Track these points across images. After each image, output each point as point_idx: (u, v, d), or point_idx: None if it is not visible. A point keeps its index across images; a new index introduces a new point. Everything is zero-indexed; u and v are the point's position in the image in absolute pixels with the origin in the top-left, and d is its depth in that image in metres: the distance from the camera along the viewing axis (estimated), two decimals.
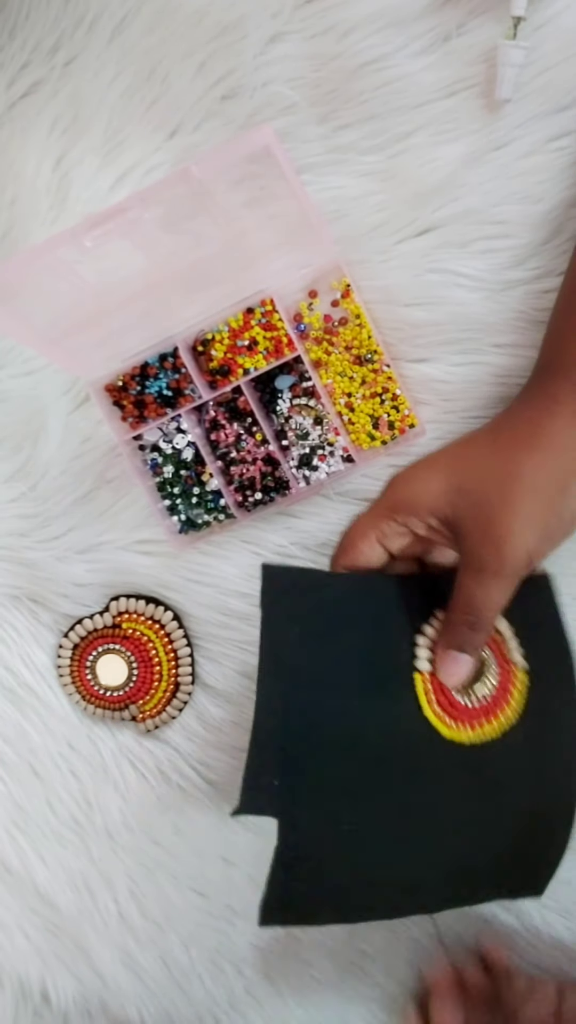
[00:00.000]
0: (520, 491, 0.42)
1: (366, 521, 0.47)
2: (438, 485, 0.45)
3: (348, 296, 0.52)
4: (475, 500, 0.43)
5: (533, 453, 0.43)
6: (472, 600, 0.43)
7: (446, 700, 0.47)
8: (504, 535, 0.42)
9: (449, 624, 0.45)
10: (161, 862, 0.61)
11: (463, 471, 0.44)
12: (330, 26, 0.49)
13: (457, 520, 0.43)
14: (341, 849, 0.45)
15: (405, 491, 0.46)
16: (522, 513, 0.42)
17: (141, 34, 0.51)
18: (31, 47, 0.52)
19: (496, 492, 0.42)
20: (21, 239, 0.54)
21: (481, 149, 0.49)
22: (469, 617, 0.44)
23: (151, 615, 0.57)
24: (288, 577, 0.45)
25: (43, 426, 0.56)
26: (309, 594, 0.45)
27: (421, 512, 0.45)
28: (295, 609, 0.44)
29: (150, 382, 0.54)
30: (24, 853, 0.61)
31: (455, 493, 0.44)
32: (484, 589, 0.43)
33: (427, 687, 0.46)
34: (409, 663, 0.46)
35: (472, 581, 0.43)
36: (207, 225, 0.47)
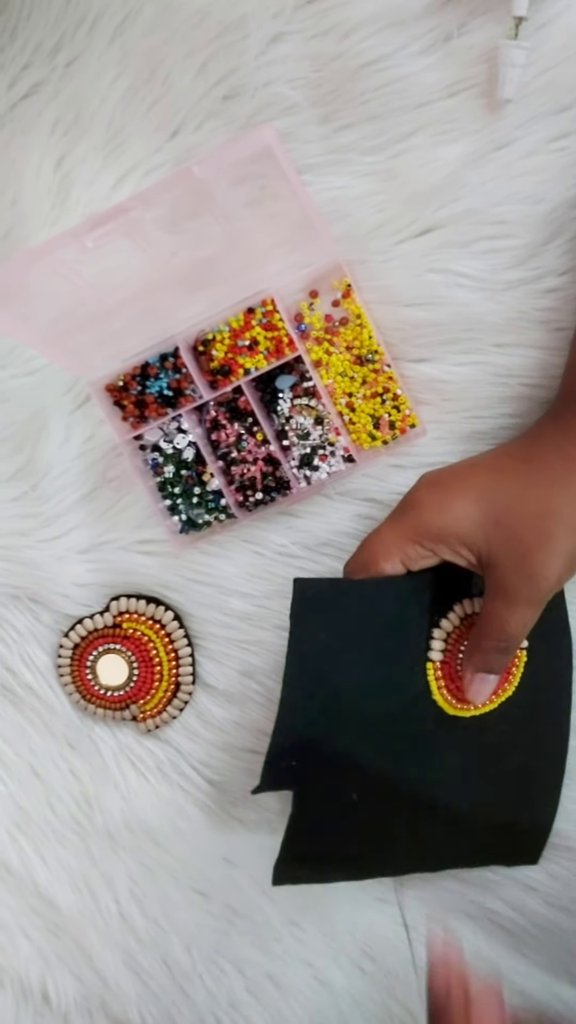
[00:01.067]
0: (557, 527, 0.43)
1: (391, 541, 0.46)
2: (472, 517, 0.44)
3: (349, 296, 0.52)
4: (511, 534, 0.43)
5: (568, 488, 0.43)
6: (506, 628, 0.44)
7: (455, 687, 0.48)
8: (540, 569, 0.43)
9: (479, 650, 0.46)
10: (162, 862, 0.61)
11: (497, 503, 0.44)
12: (331, 26, 0.49)
13: (490, 551, 0.44)
14: (348, 814, 0.49)
15: (437, 519, 0.45)
16: (558, 548, 0.43)
17: (142, 34, 0.51)
18: (32, 48, 0.52)
19: (532, 527, 0.43)
20: (22, 239, 0.54)
21: (482, 149, 0.49)
22: (502, 644, 0.45)
23: (152, 615, 0.57)
24: (319, 587, 0.46)
25: (44, 426, 0.56)
26: (337, 599, 0.47)
27: (453, 542, 0.45)
28: (323, 615, 0.46)
29: (151, 382, 0.54)
30: (25, 853, 0.61)
31: (491, 526, 0.44)
32: (517, 617, 0.44)
33: (438, 675, 0.48)
34: (423, 654, 0.48)
35: (505, 610, 0.44)
36: (208, 225, 0.47)
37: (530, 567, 0.43)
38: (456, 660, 0.48)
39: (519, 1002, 0.59)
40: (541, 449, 0.45)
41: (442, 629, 0.48)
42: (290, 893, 0.60)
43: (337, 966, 0.60)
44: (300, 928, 0.60)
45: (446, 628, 0.48)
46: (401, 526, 0.46)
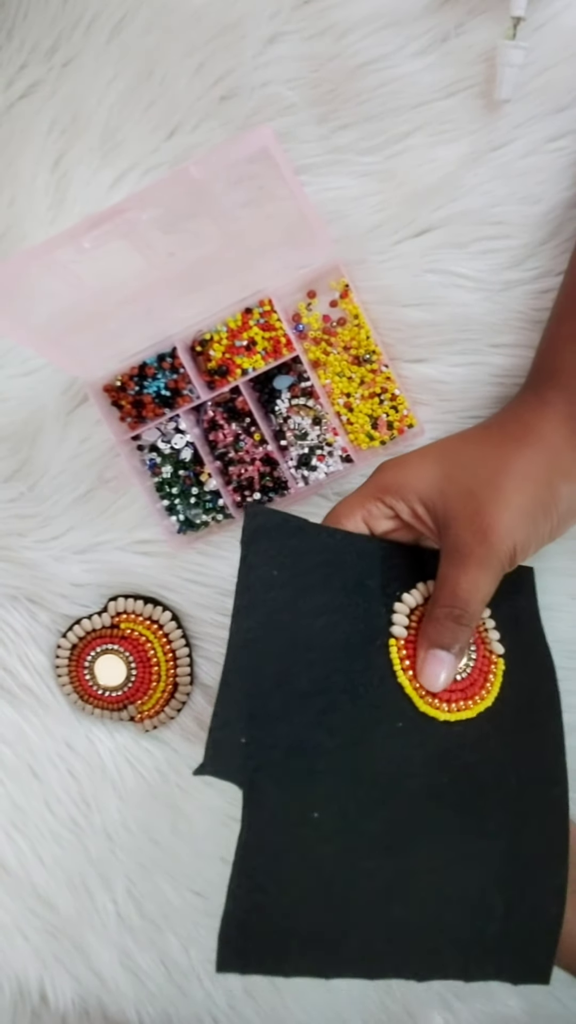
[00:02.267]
0: (510, 482, 0.42)
1: (352, 500, 0.46)
2: (428, 472, 0.45)
3: (347, 296, 0.52)
4: (464, 488, 0.43)
5: (523, 448, 0.44)
6: (457, 590, 0.42)
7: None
8: (492, 524, 0.42)
9: (432, 620, 0.44)
10: (159, 862, 0.61)
11: (455, 461, 0.45)
12: (328, 26, 0.49)
13: (445, 508, 0.43)
14: (312, 849, 0.41)
15: (395, 475, 0.45)
16: (511, 504, 0.42)
17: (139, 35, 0.51)
18: (29, 48, 0.52)
19: (486, 482, 0.43)
20: (20, 239, 0.54)
21: (480, 149, 0.49)
22: (454, 610, 0.43)
23: (149, 615, 0.57)
24: (273, 518, 0.43)
25: (41, 426, 0.56)
26: (293, 537, 0.44)
27: (409, 496, 0.44)
28: (277, 550, 0.43)
29: (148, 382, 0.54)
30: (23, 854, 0.61)
31: (444, 480, 0.44)
32: (470, 579, 0.42)
33: (401, 653, 0.45)
34: (385, 628, 0.45)
35: (457, 571, 0.42)
36: (206, 225, 0.47)
37: (482, 522, 0.42)
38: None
39: (516, 1003, 0.60)
40: (502, 419, 0.47)
41: (404, 604, 0.45)
42: None
43: None
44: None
45: (409, 603, 0.45)
46: (363, 487, 0.46)
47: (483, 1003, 0.60)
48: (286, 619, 0.42)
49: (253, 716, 0.41)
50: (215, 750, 0.39)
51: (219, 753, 0.39)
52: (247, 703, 0.41)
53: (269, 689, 0.41)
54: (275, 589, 0.42)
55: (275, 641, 0.42)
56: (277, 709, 0.41)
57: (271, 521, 0.43)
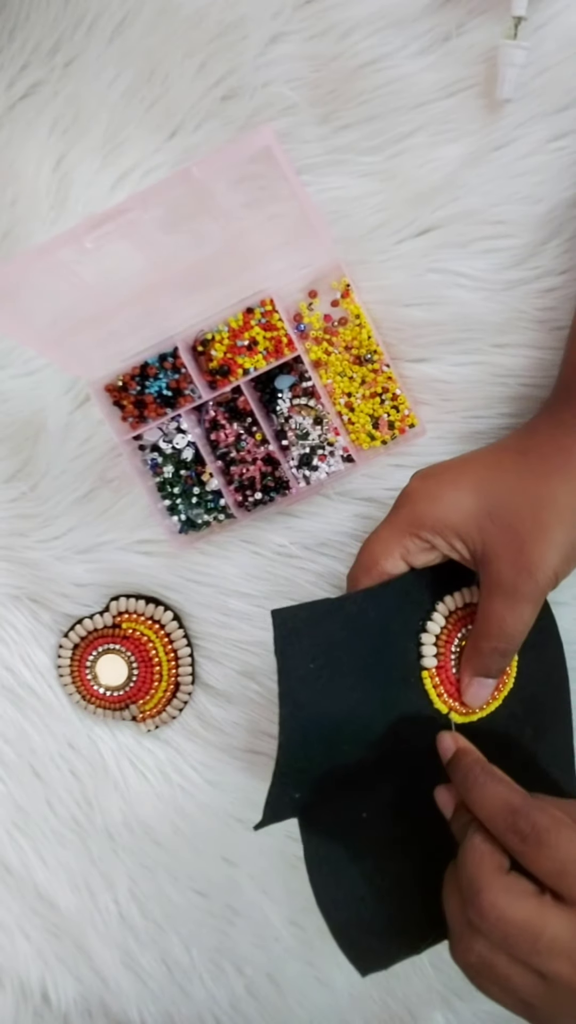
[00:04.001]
0: (554, 519, 0.42)
1: (388, 537, 0.45)
2: (467, 507, 0.43)
3: (348, 296, 0.52)
4: (506, 525, 0.42)
5: (566, 482, 0.42)
6: (504, 626, 0.43)
7: (455, 688, 0.47)
8: (537, 562, 0.42)
9: (477, 652, 0.44)
10: (161, 862, 0.61)
11: (493, 494, 0.43)
12: (330, 26, 0.49)
13: (485, 544, 0.43)
14: (366, 845, 0.46)
15: (431, 509, 0.44)
16: (555, 540, 0.42)
17: (141, 35, 0.51)
18: (31, 48, 0.52)
19: (528, 519, 0.42)
20: (21, 239, 0.54)
21: (481, 149, 0.49)
22: (501, 644, 0.43)
23: (151, 615, 0.57)
24: (299, 616, 0.45)
25: (43, 426, 0.56)
26: (320, 626, 0.45)
27: (447, 533, 0.44)
28: (308, 647, 0.44)
29: (150, 382, 0.54)
30: (24, 853, 0.61)
31: (485, 517, 0.43)
32: (516, 614, 0.43)
33: (435, 681, 0.46)
34: (415, 662, 0.46)
35: (503, 607, 0.43)
36: (207, 225, 0.47)
37: (527, 560, 0.42)
38: (451, 661, 0.47)
39: None
40: (536, 442, 0.45)
41: (429, 633, 0.46)
42: (290, 893, 0.60)
43: (337, 966, 0.60)
44: (300, 928, 0.60)
45: (433, 631, 0.46)
46: (396, 521, 0.45)
47: (484, 1003, 0.60)
48: (326, 706, 0.45)
49: (305, 782, 0.45)
50: (271, 809, 0.44)
51: (275, 811, 0.45)
52: (299, 777, 0.45)
53: (320, 763, 0.45)
54: (312, 683, 0.44)
55: (320, 727, 0.44)
56: (327, 773, 0.45)
57: (298, 619, 0.44)
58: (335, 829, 0.45)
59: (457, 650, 0.47)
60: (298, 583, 0.56)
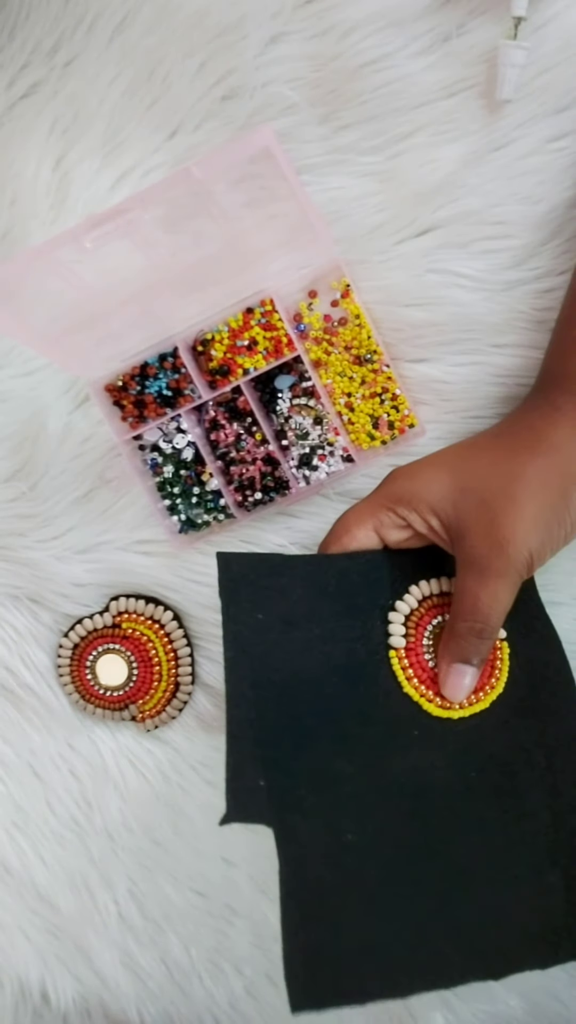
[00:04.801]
0: (524, 492, 0.42)
1: (363, 508, 0.46)
2: (441, 483, 0.44)
3: (348, 296, 0.52)
4: (478, 499, 0.43)
5: (536, 457, 0.43)
6: (478, 604, 0.42)
7: (426, 675, 0.45)
8: (508, 535, 0.42)
9: (454, 635, 0.44)
10: (161, 862, 0.61)
11: (467, 471, 0.44)
12: (330, 26, 0.49)
13: (459, 520, 0.43)
14: (353, 872, 0.41)
15: (407, 485, 0.45)
16: (525, 514, 0.42)
17: (141, 34, 0.51)
18: (31, 47, 0.52)
19: (500, 492, 0.42)
20: (21, 239, 0.54)
21: (481, 149, 0.49)
22: (476, 624, 0.43)
23: (151, 615, 0.57)
24: (247, 563, 0.43)
25: (43, 426, 0.56)
26: (270, 579, 0.44)
27: (422, 508, 0.44)
28: (257, 596, 0.43)
29: (150, 382, 0.54)
30: (24, 853, 0.61)
31: (458, 492, 0.43)
32: (490, 592, 0.42)
33: (403, 663, 0.45)
34: (383, 642, 0.45)
35: (476, 584, 0.42)
36: (207, 225, 0.47)
37: (498, 533, 0.42)
38: (422, 646, 0.45)
39: (517, 1002, 0.59)
40: (513, 426, 0.46)
41: (398, 612, 0.45)
42: None
43: None
44: None
45: (403, 610, 0.45)
46: (374, 496, 0.46)
47: (484, 1003, 0.60)
48: (278, 661, 0.42)
49: (266, 759, 0.41)
50: (235, 798, 0.40)
51: (239, 800, 0.40)
52: (257, 748, 0.41)
53: (276, 731, 0.42)
54: (261, 633, 0.42)
55: (271, 685, 0.42)
56: (289, 749, 0.42)
57: (245, 565, 0.43)
58: (317, 847, 0.41)
59: (431, 638, 0.46)
60: None
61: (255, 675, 0.42)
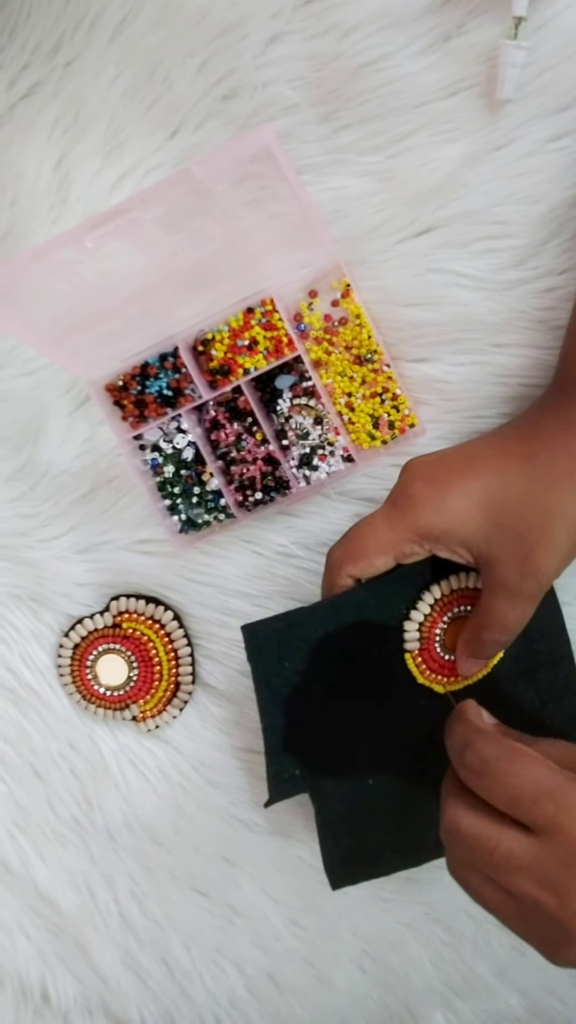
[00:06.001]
0: (561, 528, 0.43)
1: (386, 536, 0.45)
2: (474, 519, 0.43)
3: (348, 296, 0.52)
4: (514, 534, 0.43)
5: (574, 487, 0.43)
6: (507, 623, 0.45)
7: (437, 666, 0.49)
8: (542, 567, 0.43)
9: (479, 642, 0.46)
10: (162, 862, 0.61)
11: (500, 503, 0.43)
12: (331, 26, 0.49)
13: (490, 551, 0.44)
14: (373, 798, 0.50)
15: (436, 519, 0.44)
16: (560, 548, 0.43)
17: (142, 34, 0.51)
18: (32, 48, 0.52)
19: (536, 528, 0.43)
20: (22, 239, 0.54)
21: (481, 149, 0.49)
22: (503, 638, 0.45)
23: (151, 615, 0.57)
24: (270, 626, 0.47)
25: (43, 426, 0.57)
26: (292, 632, 0.47)
27: (453, 543, 0.44)
28: (282, 650, 0.47)
29: (150, 382, 0.54)
30: (25, 853, 0.61)
31: (492, 528, 0.43)
32: (519, 612, 0.45)
33: (418, 661, 0.49)
34: (399, 647, 0.48)
35: (507, 606, 0.44)
36: (207, 225, 0.47)
37: (533, 566, 0.43)
38: (434, 643, 0.49)
39: (517, 1001, 0.60)
40: (544, 445, 0.44)
41: (413, 621, 0.48)
42: (290, 892, 0.60)
43: (337, 965, 0.61)
44: (300, 927, 0.60)
45: (417, 619, 0.48)
46: (397, 522, 0.45)
47: (484, 1002, 0.60)
48: (307, 698, 0.48)
49: (300, 759, 0.50)
50: (276, 788, 0.50)
51: (279, 788, 0.50)
52: (291, 754, 0.50)
53: (307, 745, 0.50)
54: (289, 677, 0.48)
55: (303, 720, 0.49)
56: (318, 750, 0.50)
57: (269, 628, 0.47)
58: (342, 791, 0.51)
59: (442, 633, 0.49)
60: (298, 583, 0.56)
61: (288, 714, 0.48)
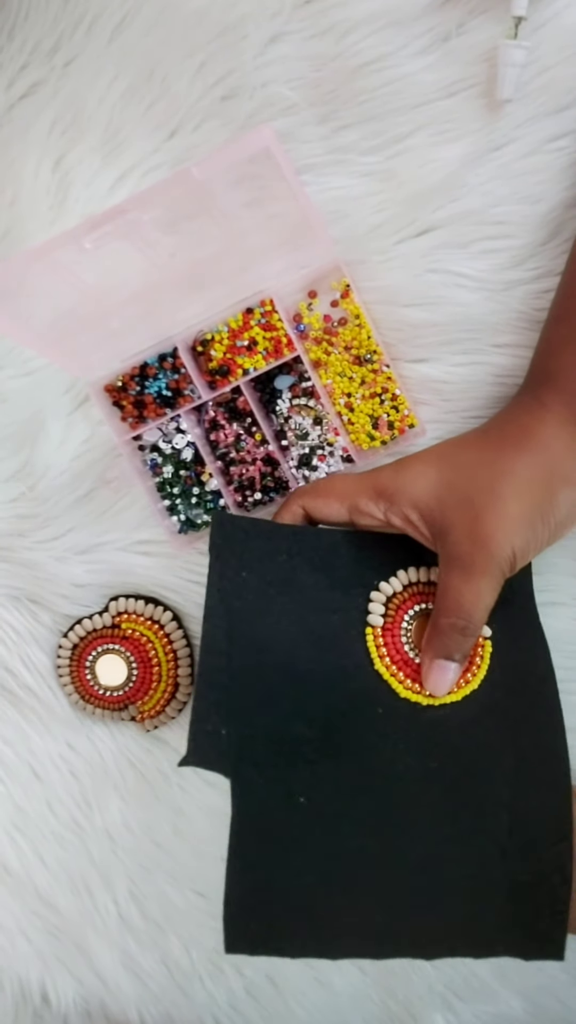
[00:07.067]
0: (508, 488, 0.42)
1: (347, 486, 0.46)
2: (427, 478, 0.44)
3: (348, 296, 0.52)
4: (462, 495, 0.43)
5: (522, 454, 0.43)
6: (461, 601, 0.42)
7: (399, 656, 0.46)
8: (491, 532, 0.42)
9: (437, 631, 0.44)
10: (161, 863, 0.61)
11: (453, 467, 0.44)
12: (330, 26, 0.49)
13: (442, 515, 0.43)
14: (301, 832, 0.43)
15: (393, 479, 0.45)
16: (510, 511, 0.42)
17: (140, 35, 0.51)
18: (30, 48, 0.52)
19: (485, 489, 0.42)
20: (21, 240, 0.54)
21: (481, 149, 0.49)
22: (459, 621, 0.43)
23: (150, 615, 0.57)
24: (239, 524, 0.45)
25: (43, 426, 0.56)
26: (259, 541, 0.45)
27: (403, 502, 0.44)
28: (246, 554, 0.44)
29: (150, 382, 0.54)
30: (24, 854, 0.61)
31: (442, 487, 0.43)
32: (473, 588, 0.42)
33: (378, 641, 0.46)
34: (361, 618, 0.46)
35: (460, 581, 0.42)
36: (207, 226, 0.47)
37: (482, 531, 0.42)
38: (399, 629, 0.46)
39: (518, 1003, 0.60)
40: (500, 423, 0.46)
41: (381, 592, 0.46)
42: None
43: (337, 966, 0.60)
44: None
45: (386, 591, 0.46)
46: (360, 479, 0.46)
47: (484, 1003, 0.60)
48: (255, 619, 0.44)
49: (230, 710, 0.43)
50: (195, 742, 0.42)
51: (199, 745, 0.42)
52: (224, 698, 0.43)
53: (244, 684, 0.43)
54: (243, 590, 0.44)
55: (245, 640, 0.43)
56: (253, 703, 0.43)
57: (237, 525, 0.44)
58: (270, 802, 0.43)
59: (410, 623, 0.46)
60: None
61: (231, 628, 0.43)
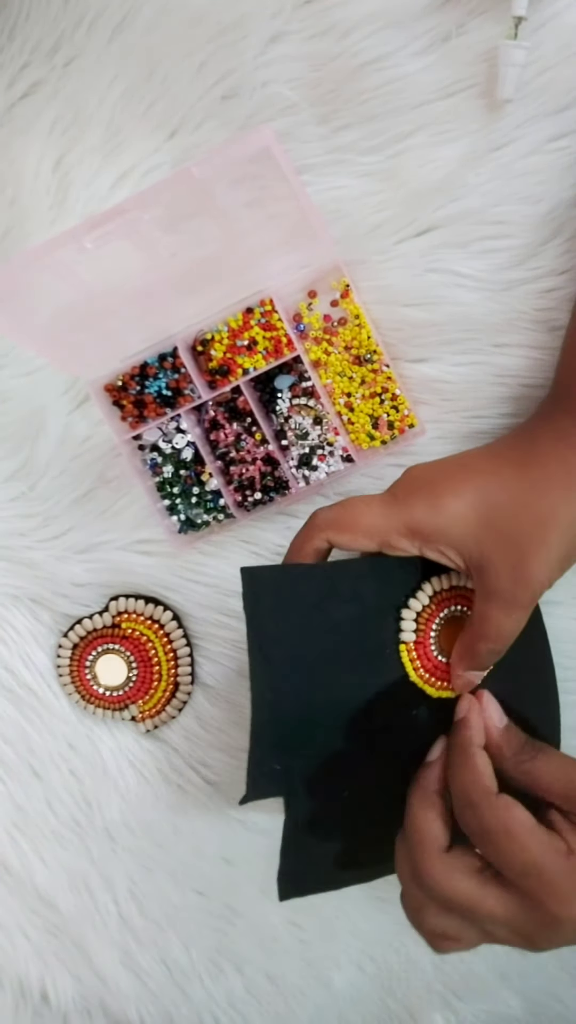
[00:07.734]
0: (553, 533, 0.43)
1: (380, 522, 0.45)
2: (467, 520, 0.44)
3: (347, 296, 0.52)
4: (507, 539, 0.43)
5: (568, 493, 0.43)
6: (501, 631, 0.44)
7: (431, 664, 0.48)
8: (535, 572, 0.43)
9: (472, 652, 0.46)
10: (161, 862, 0.61)
11: (490, 507, 0.44)
12: (330, 26, 0.49)
13: (481, 555, 0.44)
14: (343, 814, 0.48)
15: (430, 519, 0.44)
16: (554, 554, 0.43)
17: (141, 34, 0.51)
18: (31, 47, 0.52)
19: (530, 533, 0.43)
20: (21, 239, 0.54)
21: (481, 149, 0.49)
22: (498, 646, 0.45)
23: (150, 615, 0.57)
24: (268, 576, 0.45)
25: (42, 426, 0.57)
26: (290, 589, 0.46)
27: (443, 544, 0.44)
28: (277, 605, 0.45)
29: (149, 382, 0.54)
30: (24, 854, 0.61)
31: (484, 530, 0.43)
32: (513, 619, 0.44)
33: (412, 655, 0.47)
34: (394, 638, 0.47)
35: (501, 614, 0.44)
36: (207, 225, 0.47)
37: (526, 572, 0.43)
38: (429, 639, 0.47)
39: (517, 1003, 0.60)
40: (537, 452, 0.45)
41: (411, 609, 0.47)
42: None
43: (336, 966, 0.61)
44: (300, 928, 0.60)
45: (415, 608, 0.47)
46: (393, 512, 0.45)
47: (484, 1003, 0.60)
48: (295, 662, 0.46)
49: (282, 749, 0.46)
50: (253, 784, 0.46)
51: (257, 784, 0.46)
52: (275, 740, 0.46)
53: (293, 728, 0.46)
54: (281, 641, 0.45)
55: (288, 685, 0.46)
56: (300, 740, 0.47)
57: (267, 578, 0.45)
58: (315, 800, 0.48)
59: (438, 629, 0.48)
60: None
61: (273, 680, 0.45)
